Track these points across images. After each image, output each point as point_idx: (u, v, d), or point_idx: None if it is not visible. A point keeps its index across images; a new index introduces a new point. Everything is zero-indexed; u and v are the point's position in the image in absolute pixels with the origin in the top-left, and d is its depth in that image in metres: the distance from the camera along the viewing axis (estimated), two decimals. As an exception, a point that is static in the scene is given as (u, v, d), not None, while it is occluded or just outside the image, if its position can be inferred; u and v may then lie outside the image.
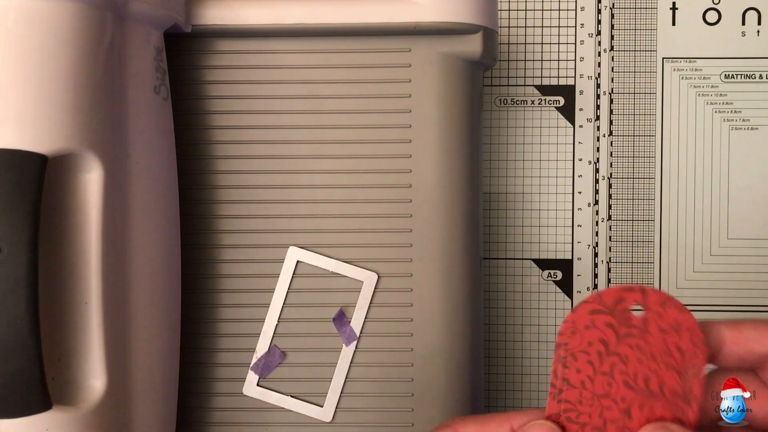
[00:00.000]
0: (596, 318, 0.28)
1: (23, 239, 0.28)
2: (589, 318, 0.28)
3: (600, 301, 0.28)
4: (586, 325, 0.28)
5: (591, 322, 0.28)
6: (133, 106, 0.34)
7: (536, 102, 0.51)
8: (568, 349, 0.28)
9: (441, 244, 0.40)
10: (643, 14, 0.51)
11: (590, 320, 0.28)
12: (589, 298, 0.28)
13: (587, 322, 0.28)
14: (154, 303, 0.36)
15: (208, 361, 0.40)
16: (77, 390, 0.32)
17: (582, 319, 0.28)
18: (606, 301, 0.28)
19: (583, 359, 0.28)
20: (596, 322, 0.28)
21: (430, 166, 0.40)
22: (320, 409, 0.40)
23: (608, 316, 0.28)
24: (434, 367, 0.40)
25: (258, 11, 0.38)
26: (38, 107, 0.29)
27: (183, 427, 0.40)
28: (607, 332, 0.28)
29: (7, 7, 0.29)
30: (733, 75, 0.51)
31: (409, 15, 0.38)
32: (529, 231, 0.51)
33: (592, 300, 0.28)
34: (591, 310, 0.28)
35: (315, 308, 0.40)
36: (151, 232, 0.35)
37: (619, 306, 0.28)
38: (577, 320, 0.28)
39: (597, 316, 0.28)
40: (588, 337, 0.28)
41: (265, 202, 0.40)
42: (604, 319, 0.28)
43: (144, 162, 0.35)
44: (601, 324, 0.28)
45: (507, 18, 0.51)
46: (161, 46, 0.36)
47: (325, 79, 0.40)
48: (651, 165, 0.51)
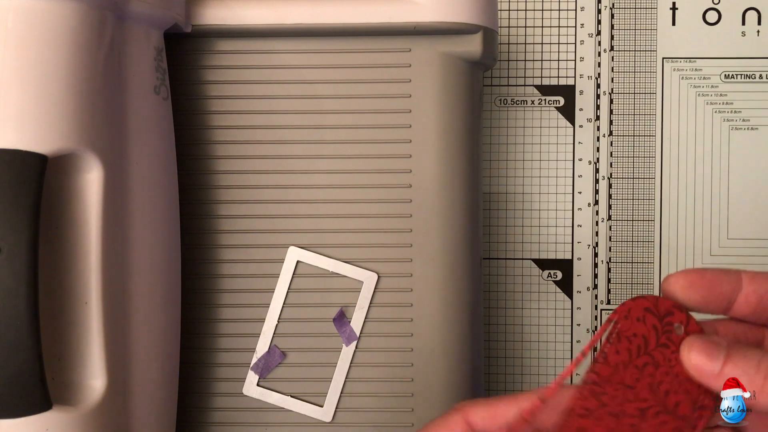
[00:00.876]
0: (647, 316, 0.29)
1: (23, 239, 0.28)
2: (642, 312, 0.29)
3: (655, 304, 0.29)
4: (638, 317, 0.29)
5: (642, 317, 0.29)
6: (133, 106, 0.34)
7: (536, 102, 0.51)
8: (618, 329, 0.29)
9: (441, 244, 0.40)
10: (643, 14, 0.51)
11: (642, 315, 0.29)
12: (647, 297, 0.29)
13: (639, 315, 0.29)
14: (154, 303, 0.36)
15: (208, 361, 0.40)
16: (77, 390, 0.32)
17: (637, 310, 0.29)
18: (660, 307, 0.29)
19: (625, 345, 0.29)
20: (646, 319, 0.29)
21: (430, 166, 0.40)
22: (320, 409, 0.40)
23: (657, 319, 0.29)
24: (434, 367, 0.40)
25: (258, 11, 0.38)
26: (38, 107, 0.29)
27: (183, 427, 0.40)
28: (650, 333, 0.29)
29: (7, 7, 0.29)
30: (733, 75, 0.51)
31: (409, 15, 0.38)
32: (529, 231, 0.51)
33: (649, 300, 0.29)
34: (645, 307, 0.29)
35: (315, 308, 0.40)
36: (151, 232, 0.35)
37: (667, 318, 0.29)
38: (633, 309, 0.29)
39: (648, 314, 0.29)
40: (635, 328, 0.29)
41: (265, 202, 0.40)
42: (653, 321, 0.29)
43: (144, 162, 0.35)
44: (649, 323, 0.29)
45: (507, 18, 0.51)
46: (161, 46, 0.36)
47: (325, 79, 0.40)
48: (651, 165, 0.51)
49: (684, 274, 0.29)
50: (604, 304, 0.51)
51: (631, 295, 0.51)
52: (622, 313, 0.29)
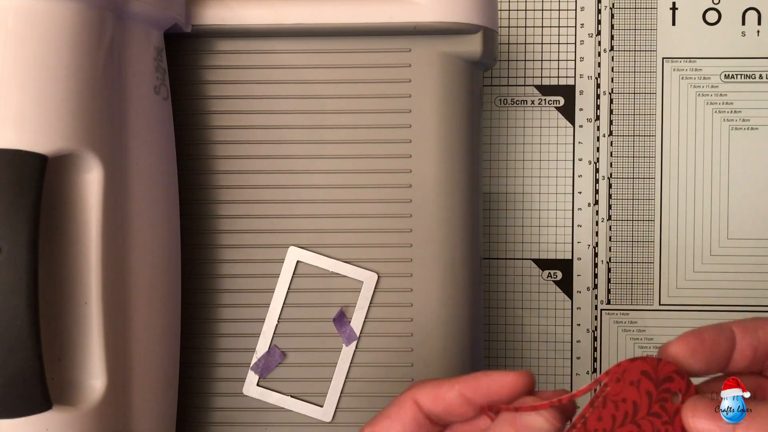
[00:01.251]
0: (643, 380, 0.27)
1: (23, 239, 0.28)
2: (638, 376, 0.28)
3: (655, 368, 0.27)
4: (632, 380, 0.27)
5: (637, 381, 0.27)
6: (133, 106, 0.34)
7: (536, 102, 0.51)
8: (606, 392, 0.27)
9: (441, 244, 0.40)
10: (643, 14, 0.51)
11: (638, 379, 0.27)
12: (647, 359, 0.28)
13: (634, 379, 0.27)
14: (154, 303, 0.36)
15: (208, 361, 0.40)
16: (77, 390, 0.32)
17: (633, 373, 0.28)
18: (660, 371, 0.28)
19: (610, 411, 0.27)
20: (641, 383, 0.27)
21: (430, 166, 0.40)
22: (320, 409, 0.40)
23: (653, 385, 0.27)
24: (434, 366, 0.40)
25: (258, 11, 0.38)
26: (38, 107, 0.29)
27: (183, 427, 0.40)
28: (642, 399, 0.27)
29: (7, 7, 0.29)
30: (733, 75, 0.51)
31: (409, 15, 0.38)
32: (529, 231, 0.51)
33: (649, 363, 0.28)
34: (643, 371, 0.28)
35: (315, 308, 0.40)
36: (151, 232, 0.35)
37: (665, 384, 0.28)
38: (629, 371, 0.27)
39: (645, 379, 0.27)
40: (627, 392, 0.27)
41: (265, 202, 0.40)
42: (648, 386, 0.27)
43: (144, 162, 0.35)
44: (643, 388, 0.27)
45: (507, 18, 0.51)
46: (161, 46, 0.36)
47: (325, 79, 0.40)
48: (651, 165, 0.51)
49: (684, 341, 0.28)
50: (604, 304, 0.51)
51: (630, 295, 0.51)
52: (615, 375, 0.27)
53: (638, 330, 0.51)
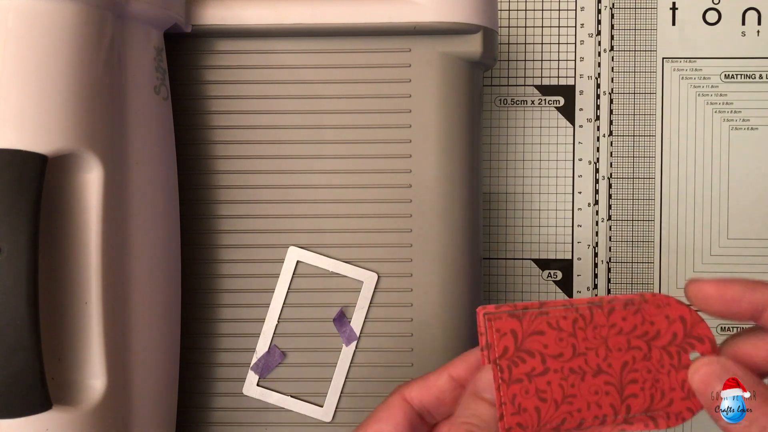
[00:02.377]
0: (677, 322, 0.29)
1: (23, 239, 0.28)
2: (676, 315, 0.29)
3: (692, 321, 0.29)
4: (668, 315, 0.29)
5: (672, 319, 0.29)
6: (133, 106, 0.34)
7: (536, 102, 0.51)
8: (643, 306, 0.29)
9: (441, 244, 0.40)
10: (643, 14, 0.51)
11: (675, 317, 0.29)
12: (693, 311, 0.29)
13: (671, 315, 0.29)
14: (154, 303, 0.36)
15: (208, 361, 0.40)
16: (77, 390, 0.32)
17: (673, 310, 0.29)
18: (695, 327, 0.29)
19: (636, 321, 0.29)
20: (674, 324, 0.29)
21: (430, 166, 0.40)
22: (320, 409, 0.40)
23: (683, 332, 0.29)
24: (434, 367, 0.40)
25: (258, 11, 0.38)
26: (38, 107, 0.29)
27: (183, 427, 0.40)
28: (667, 334, 0.29)
29: (7, 7, 0.29)
30: (733, 75, 0.51)
31: (409, 15, 0.38)
32: (529, 231, 0.51)
33: (692, 314, 0.29)
34: (681, 315, 0.29)
35: (315, 308, 0.40)
36: (151, 232, 0.35)
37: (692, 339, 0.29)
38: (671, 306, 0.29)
39: (679, 322, 0.29)
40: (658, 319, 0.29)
41: (265, 202, 0.40)
42: (678, 329, 0.29)
43: (144, 162, 0.35)
44: (673, 328, 0.29)
45: (507, 18, 0.51)
46: (161, 46, 0.36)
47: (325, 79, 0.40)
48: (651, 165, 0.51)
49: (707, 288, 0.29)
50: (604, 304, 0.51)
51: (631, 295, 0.51)
52: (659, 301, 0.29)
53: (638, 330, 0.51)
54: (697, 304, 0.29)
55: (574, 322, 0.29)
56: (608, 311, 0.29)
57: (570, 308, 0.29)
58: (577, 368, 0.28)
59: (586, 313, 0.29)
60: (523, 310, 0.29)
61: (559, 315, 0.29)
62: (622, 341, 0.28)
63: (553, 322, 0.29)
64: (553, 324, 0.29)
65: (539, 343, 0.29)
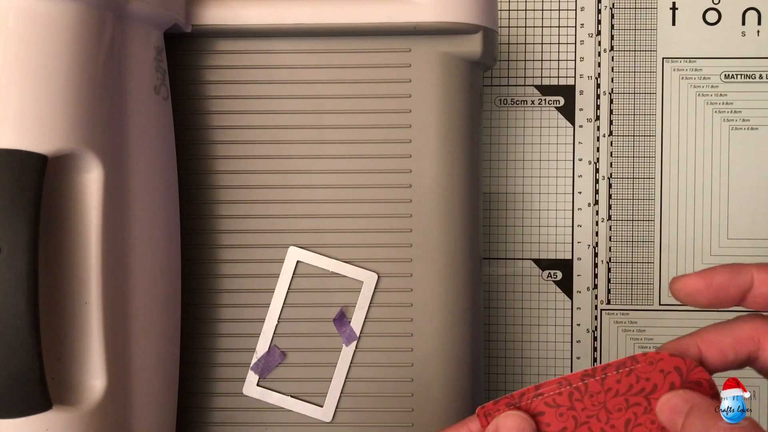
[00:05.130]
0: (673, 373, 0.29)
1: (23, 239, 0.28)
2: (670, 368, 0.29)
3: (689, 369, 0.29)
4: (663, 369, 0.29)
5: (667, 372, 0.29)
6: (133, 106, 0.34)
7: (536, 102, 0.51)
8: (635, 366, 0.29)
9: (441, 244, 0.40)
10: (643, 14, 0.51)
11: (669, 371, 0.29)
12: (687, 361, 0.29)
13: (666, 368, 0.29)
14: (154, 303, 0.36)
15: (208, 361, 0.40)
16: (77, 390, 0.32)
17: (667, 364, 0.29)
18: (692, 374, 0.29)
19: (631, 381, 0.29)
20: (669, 375, 0.29)
21: (430, 166, 0.40)
22: (320, 409, 0.40)
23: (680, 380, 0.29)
24: (434, 367, 0.40)
25: (258, 11, 0.38)
26: (38, 107, 0.29)
27: (183, 427, 0.40)
28: (664, 385, 0.29)
29: (7, 7, 0.29)
30: (733, 75, 0.51)
31: (409, 15, 0.38)
32: (529, 231, 0.51)
33: (687, 364, 0.29)
34: (677, 366, 0.29)
35: (315, 308, 0.40)
36: (151, 232, 0.35)
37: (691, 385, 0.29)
38: (664, 361, 0.29)
39: (675, 373, 0.29)
40: (653, 375, 0.29)
41: (265, 202, 0.40)
42: (674, 379, 0.29)
43: (144, 162, 0.35)
44: (669, 378, 0.29)
45: (507, 18, 0.51)
46: (161, 46, 0.36)
47: (325, 79, 0.40)
48: (651, 165, 0.51)
49: (693, 280, 0.29)
50: (604, 304, 0.51)
51: (630, 295, 0.51)
52: (651, 358, 0.29)
53: (638, 330, 0.51)
54: (685, 300, 0.29)
55: (570, 395, 0.29)
56: (601, 378, 0.29)
57: (564, 384, 0.29)
58: None
59: (580, 386, 0.29)
60: (520, 397, 0.30)
61: (554, 393, 0.29)
62: (620, 402, 0.29)
63: (550, 401, 0.29)
64: (551, 402, 0.29)
65: (542, 423, 0.29)
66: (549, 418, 0.29)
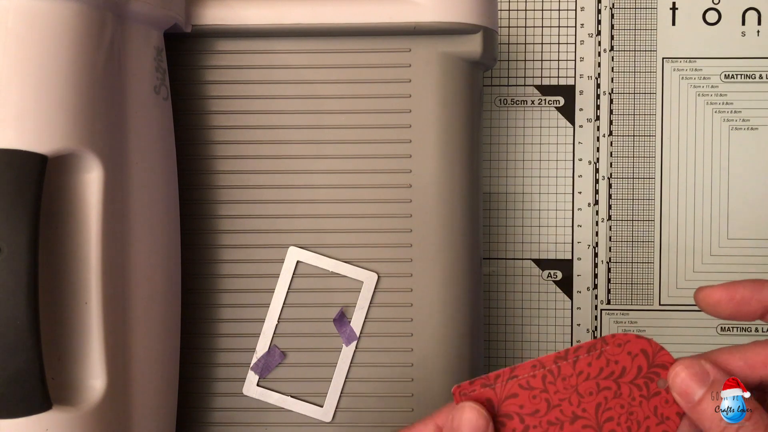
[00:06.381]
0: (640, 356, 0.30)
1: (23, 239, 0.28)
2: (638, 350, 0.30)
3: (654, 352, 0.30)
4: (630, 351, 0.30)
5: (634, 354, 0.30)
6: (133, 106, 0.34)
7: (536, 102, 0.51)
8: (605, 348, 0.30)
9: (441, 244, 0.40)
10: (643, 14, 0.51)
11: (636, 352, 0.30)
12: (651, 342, 0.30)
13: (633, 351, 0.30)
14: (154, 303, 0.36)
15: (208, 361, 0.40)
16: (77, 390, 0.32)
17: (634, 345, 0.30)
18: (657, 357, 0.30)
19: (601, 363, 0.30)
20: (637, 358, 0.30)
21: (430, 166, 0.40)
22: (320, 409, 0.40)
23: (647, 364, 0.30)
24: (434, 367, 0.40)
25: (258, 11, 0.38)
26: (38, 107, 0.29)
27: (183, 427, 0.40)
28: (632, 369, 0.30)
29: (7, 7, 0.29)
30: (733, 75, 0.51)
31: (409, 15, 0.38)
32: (529, 231, 0.51)
33: (652, 345, 0.30)
34: (643, 348, 0.30)
35: (315, 308, 0.40)
36: (151, 232, 0.35)
37: (656, 369, 0.30)
38: (631, 342, 0.30)
39: (642, 356, 0.30)
40: (621, 357, 0.30)
41: (265, 202, 0.40)
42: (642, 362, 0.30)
43: (144, 162, 0.35)
44: (637, 362, 0.30)
45: (507, 18, 0.51)
46: (161, 46, 0.36)
47: (325, 79, 0.40)
48: (651, 165, 0.51)
49: (717, 292, 0.30)
50: (604, 304, 0.51)
51: (630, 295, 0.51)
52: (619, 340, 0.30)
53: (638, 330, 0.51)
54: (708, 310, 0.30)
55: (543, 378, 0.30)
56: (573, 361, 0.30)
57: (538, 367, 0.30)
58: (554, 419, 0.30)
59: (553, 368, 0.30)
60: (495, 379, 0.30)
61: (529, 375, 0.30)
62: (591, 385, 0.30)
63: (524, 383, 0.30)
64: (524, 384, 0.30)
65: (515, 405, 0.30)
66: (522, 400, 0.30)
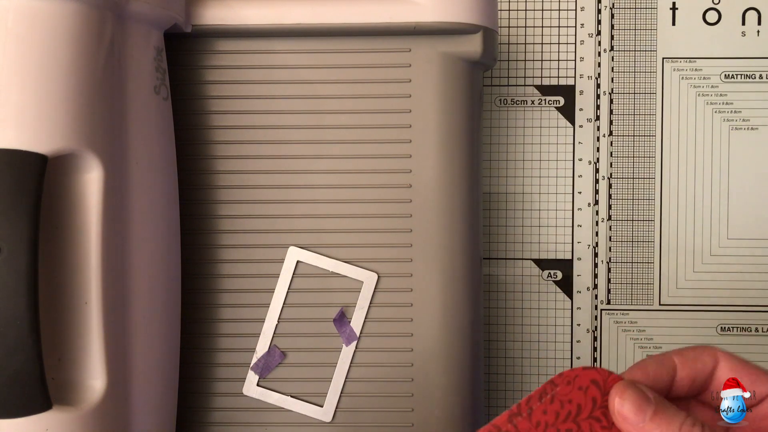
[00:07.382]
0: (591, 387, 0.29)
1: (23, 239, 0.28)
2: (588, 383, 0.29)
3: (605, 379, 0.29)
4: (581, 386, 0.29)
5: (585, 387, 0.29)
6: (133, 106, 0.34)
7: (536, 102, 0.51)
8: (555, 391, 0.29)
9: (441, 244, 0.40)
10: (643, 14, 0.51)
11: (587, 385, 0.29)
12: (599, 370, 0.29)
13: (583, 385, 0.29)
14: (154, 303, 0.36)
15: (208, 361, 0.40)
16: (77, 390, 0.32)
17: (583, 379, 0.29)
18: (608, 382, 0.29)
19: (556, 407, 0.29)
20: (589, 390, 0.29)
21: (430, 167, 0.40)
22: (320, 409, 0.40)
23: (599, 393, 0.29)
24: (434, 367, 0.40)
25: (258, 11, 0.38)
26: (38, 107, 0.29)
27: (183, 427, 0.40)
28: (587, 403, 0.29)
29: (7, 7, 0.29)
30: (733, 75, 0.51)
31: (409, 15, 0.38)
32: (529, 231, 0.51)
33: (600, 374, 0.29)
34: (593, 379, 0.29)
35: (315, 308, 0.40)
36: (151, 232, 0.35)
37: (608, 399, 0.29)
38: (580, 377, 0.29)
39: (593, 386, 0.29)
40: (574, 395, 0.29)
41: (265, 202, 0.40)
42: (595, 393, 0.29)
43: (144, 162, 0.35)
44: (590, 394, 0.29)
45: (507, 18, 0.51)
46: (161, 46, 0.36)
47: (325, 79, 0.40)
48: (651, 165, 0.51)
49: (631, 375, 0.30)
50: (604, 304, 0.51)
51: (630, 295, 0.51)
52: (567, 378, 0.29)
53: (638, 330, 0.51)
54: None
55: None
56: (528, 414, 0.29)
57: (493, 430, 0.29)
58: None
59: (510, 429, 0.29)
60: None
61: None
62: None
63: None
64: None
65: None
66: None
